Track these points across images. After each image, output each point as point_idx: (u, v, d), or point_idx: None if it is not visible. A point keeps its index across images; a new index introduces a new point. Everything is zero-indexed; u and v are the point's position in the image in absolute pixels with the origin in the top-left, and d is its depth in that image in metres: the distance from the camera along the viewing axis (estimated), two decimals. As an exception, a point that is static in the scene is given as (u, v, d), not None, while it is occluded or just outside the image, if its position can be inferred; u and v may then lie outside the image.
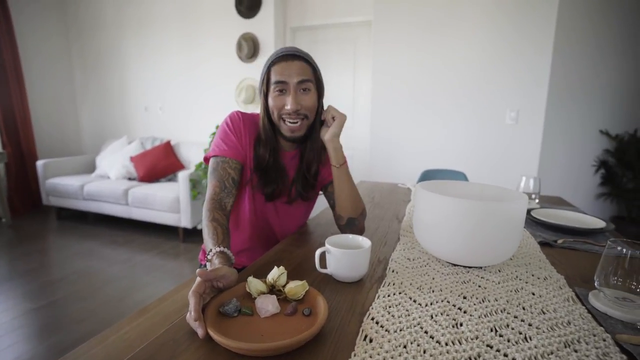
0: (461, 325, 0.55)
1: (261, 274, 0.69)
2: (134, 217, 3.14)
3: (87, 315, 1.84)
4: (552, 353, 0.49)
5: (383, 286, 0.67)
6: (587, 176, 3.02)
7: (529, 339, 0.52)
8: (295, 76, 0.86)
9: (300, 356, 0.47)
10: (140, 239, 3.00)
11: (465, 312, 0.59)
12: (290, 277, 0.66)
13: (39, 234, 3.12)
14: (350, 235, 0.75)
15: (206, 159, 0.95)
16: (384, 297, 0.63)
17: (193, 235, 3.09)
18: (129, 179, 3.45)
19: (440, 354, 0.48)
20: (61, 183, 3.36)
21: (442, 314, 0.58)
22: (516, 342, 0.51)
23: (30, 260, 2.54)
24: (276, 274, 0.62)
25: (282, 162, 0.98)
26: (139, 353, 0.47)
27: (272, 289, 0.63)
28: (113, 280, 2.24)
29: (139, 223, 3.36)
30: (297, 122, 0.89)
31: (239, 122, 0.95)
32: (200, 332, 0.49)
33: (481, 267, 0.77)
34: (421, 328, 0.54)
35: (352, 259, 0.67)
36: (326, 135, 0.92)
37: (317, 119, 0.95)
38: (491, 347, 0.50)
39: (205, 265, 1.09)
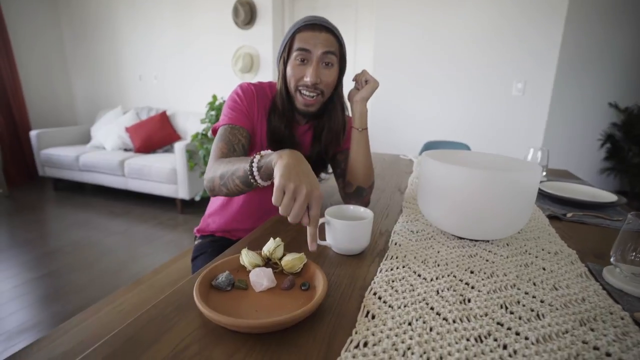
0: (469, 301, 0.52)
1: (256, 247, 0.65)
2: (130, 188, 3.10)
3: (85, 285, 1.84)
4: (567, 332, 0.46)
5: (385, 259, 0.64)
6: (592, 150, 2.96)
7: (541, 317, 0.49)
8: (320, 46, 0.80)
9: (298, 333, 0.44)
10: (138, 210, 2.98)
11: (473, 287, 0.56)
12: (287, 249, 0.63)
13: (37, 205, 3.09)
14: (352, 206, 0.71)
15: (214, 130, 0.90)
16: (386, 271, 0.60)
17: (191, 206, 3.07)
18: (125, 149, 3.38)
19: (448, 332, 0.45)
20: (56, 154, 3.29)
21: (448, 290, 0.55)
22: (528, 320, 0.48)
23: (28, 230, 2.52)
24: (272, 246, 0.58)
25: (297, 137, 0.93)
26: (125, 329, 0.44)
27: (268, 262, 0.59)
28: (111, 251, 2.23)
29: (136, 194, 3.33)
30: (312, 96, 0.84)
31: (249, 92, 0.90)
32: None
33: (488, 241, 0.74)
34: (427, 304, 0.51)
35: (353, 230, 0.63)
36: (356, 96, 0.88)
37: (334, 97, 0.89)
38: (502, 325, 0.47)
39: (200, 238, 1.06)
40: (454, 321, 0.47)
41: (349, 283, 0.56)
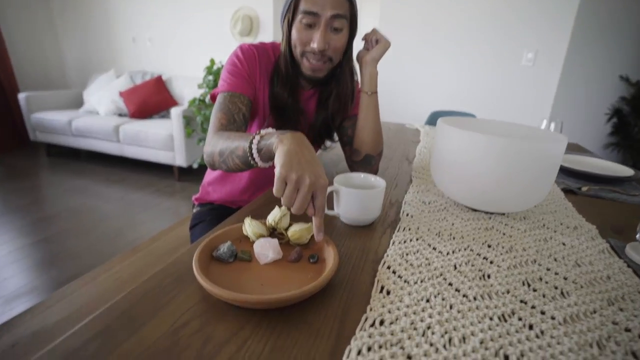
0: (489, 277, 0.49)
1: (260, 216, 0.61)
2: (126, 154, 3.03)
3: (82, 252, 1.82)
4: (594, 312, 0.43)
5: (397, 231, 0.60)
6: (598, 125, 2.90)
7: (566, 295, 0.46)
8: (328, 8, 0.71)
9: (307, 309, 0.40)
10: (135, 177, 2.93)
11: (491, 262, 0.52)
12: (294, 219, 0.58)
13: (30, 171, 3.03)
14: (362, 174, 0.66)
15: (213, 96, 0.83)
16: (399, 243, 0.56)
17: (189, 174, 3.02)
18: (119, 115, 3.28)
19: (470, 310, 0.41)
20: (47, 118, 3.19)
21: (466, 264, 0.51)
22: (553, 298, 0.45)
23: (22, 196, 2.47)
24: (277, 215, 0.53)
25: (300, 103, 0.86)
26: (120, 303, 0.40)
27: (273, 232, 0.55)
28: (107, 218, 2.20)
29: (132, 161, 3.27)
30: (319, 63, 0.77)
31: (251, 54, 0.82)
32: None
33: (504, 214, 0.70)
34: (444, 279, 0.47)
35: (365, 200, 0.58)
36: (366, 56, 0.81)
37: (343, 63, 0.82)
38: (525, 303, 0.43)
39: (199, 206, 1.02)
40: (474, 298, 0.44)
41: (360, 256, 0.53)
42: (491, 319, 0.40)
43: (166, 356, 0.33)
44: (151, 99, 3.19)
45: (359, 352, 0.34)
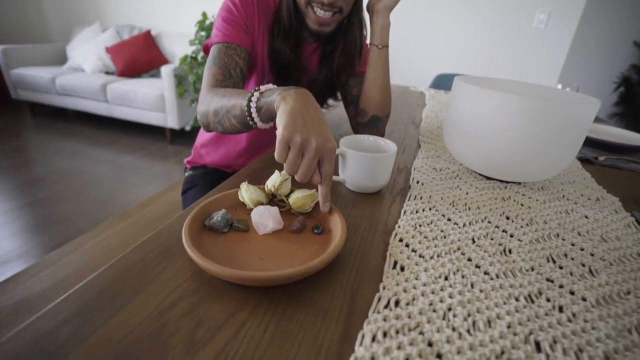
0: (510, 252, 0.44)
1: (258, 181, 0.55)
2: (115, 115, 2.91)
3: (72, 216, 1.77)
4: (629, 293, 0.39)
5: (408, 200, 0.55)
6: (605, 93, 2.81)
7: (595, 273, 0.42)
8: None
9: (313, 286, 0.36)
10: (125, 140, 2.83)
11: (512, 235, 0.48)
12: (295, 185, 0.53)
13: (13, 131, 2.90)
14: (370, 137, 0.60)
15: (206, 48, 0.73)
16: (411, 213, 0.51)
17: (181, 137, 2.92)
18: (107, 73, 3.11)
19: (493, 289, 0.37)
20: (28, 74, 3.01)
21: (485, 237, 0.47)
22: (581, 277, 0.41)
23: (5, 158, 2.38)
24: (278, 179, 0.48)
25: (302, 59, 0.78)
26: (98, 278, 0.35)
27: (273, 199, 0.50)
28: (98, 182, 2.13)
29: (122, 122, 3.14)
30: (328, 15, 0.67)
31: (248, 1, 0.72)
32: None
33: (520, 183, 0.65)
34: (462, 254, 0.43)
35: (374, 164, 0.53)
36: (378, 4, 0.71)
37: (352, 14, 0.73)
38: (552, 282, 0.39)
39: (191, 169, 0.96)
40: (497, 276, 0.39)
41: (369, 226, 0.48)
42: (517, 299, 0.36)
43: (151, 342, 0.29)
44: (140, 56, 3.01)
45: (374, 338, 0.30)
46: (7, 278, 0.71)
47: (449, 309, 0.34)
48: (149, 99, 2.68)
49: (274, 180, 0.48)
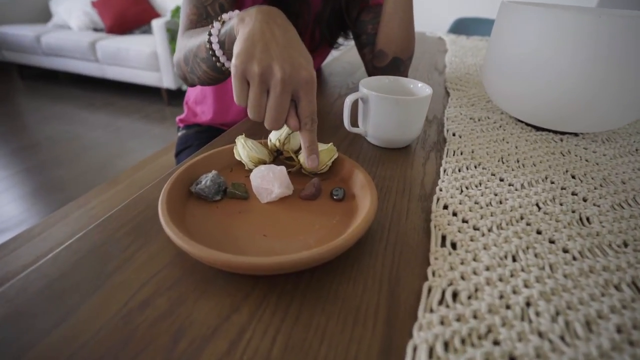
0: (589, 221, 0.34)
1: (259, 135, 0.44)
2: (108, 76, 2.74)
3: (68, 183, 1.69)
4: None
5: (447, 156, 0.44)
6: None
7: None
8: None
9: (336, 275, 0.26)
10: (121, 102, 2.69)
11: (585, 199, 0.37)
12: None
13: (2, 96, 2.75)
14: (399, 77, 0.48)
15: None
16: (453, 172, 0.41)
17: (179, 97, 2.77)
18: (95, 29, 2.90)
19: (581, 274, 0.27)
20: (10, 33, 2.81)
21: (551, 202, 0.36)
22: (691, 250, 0.30)
23: (-3, 123, 2.27)
24: (284, 131, 0.37)
25: None
26: (49, 265, 0.26)
27: (278, 156, 0.39)
28: (93, 147, 2.03)
29: (116, 84, 2.98)
30: None
31: None
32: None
33: (577, 135, 0.53)
34: (528, 224, 0.33)
35: (406, 110, 0.41)
36: None
37: None
38: (654, 260, 0.29)
39: (184, 128, 0.84)
40: (580, 254, 0.29)
41: (401, 190, 0.37)
42: (617, 288, 0.26)
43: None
44: (129, 10, 2.78)
45: (431, 353, 0.21)
46: (-17, 253, 0.64)
47: (528, 304, 0.24)
48: (141, 57, 2.50)
49: (278, 133, 0.37)
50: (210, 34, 0.39)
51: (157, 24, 2.37)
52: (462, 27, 1.62)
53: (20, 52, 2.90)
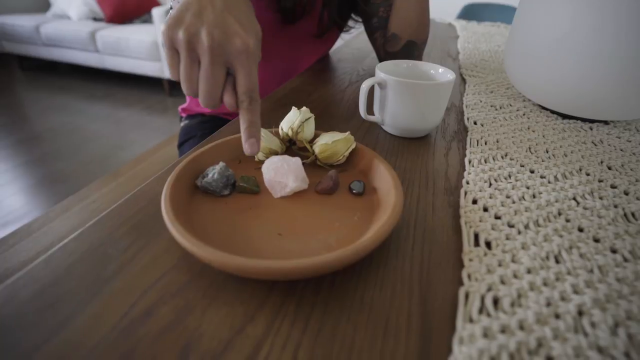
0: (634, 217, 0.31)
1: (270, 124, 0.41)
2: (108, 67, 2.70)
3: (70, 175, 1.66)
4: None
5: (471, 146, 0.41)
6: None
7: None
8: None
9: (360, 278, 0.24)
10: (122, 93, 2.65)
11: (626, 193, 0.34)
12: (321, 126, 0.39)
13: (2, 87, 2.72)
14: (418, 62, 0.44)
15: None
16: (479, 163, 0.37)
17: (180, 88, 2.73)
18: (95, 19, 2.85)
19: (637, 279, 0.24)
20: (9, 23, 2.77)
21: (590, 196, 0.33)
22: None
23: (-2, 114, 2.25)
24: (297, 119, 0.34)
25: None
26: (40, 269, 0.23)
27: (291, 147, 0.36)
28: (95, 138, 2.01)
29: (117, 74, 2.95)
30: None
31: None
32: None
33: (608, 122, 0.50)
34: (567, 221, 0.30)
35: (427, 97, 0.38)
36: None
37: None
38: None
39: (187, 118, 0.81)
40: (631, 254, 0.26)
41: (424, 183, 0.34)
42: (677, 292, 0.23)
43: (103, 393, 0.17)
44: (129, -1, 2.73)
45: (477, 373, 0.18)
46: (-19, 249, 0.61)
47: (580, 313, 0.21)
48: (142, 47, 2.46)
49: (291, 121, 0.34)
50: (168, 15, 0.36)
51: (158, 12, 2.32)
52: (472, 12, 1.57)
53: (19, 42, 2.86)
